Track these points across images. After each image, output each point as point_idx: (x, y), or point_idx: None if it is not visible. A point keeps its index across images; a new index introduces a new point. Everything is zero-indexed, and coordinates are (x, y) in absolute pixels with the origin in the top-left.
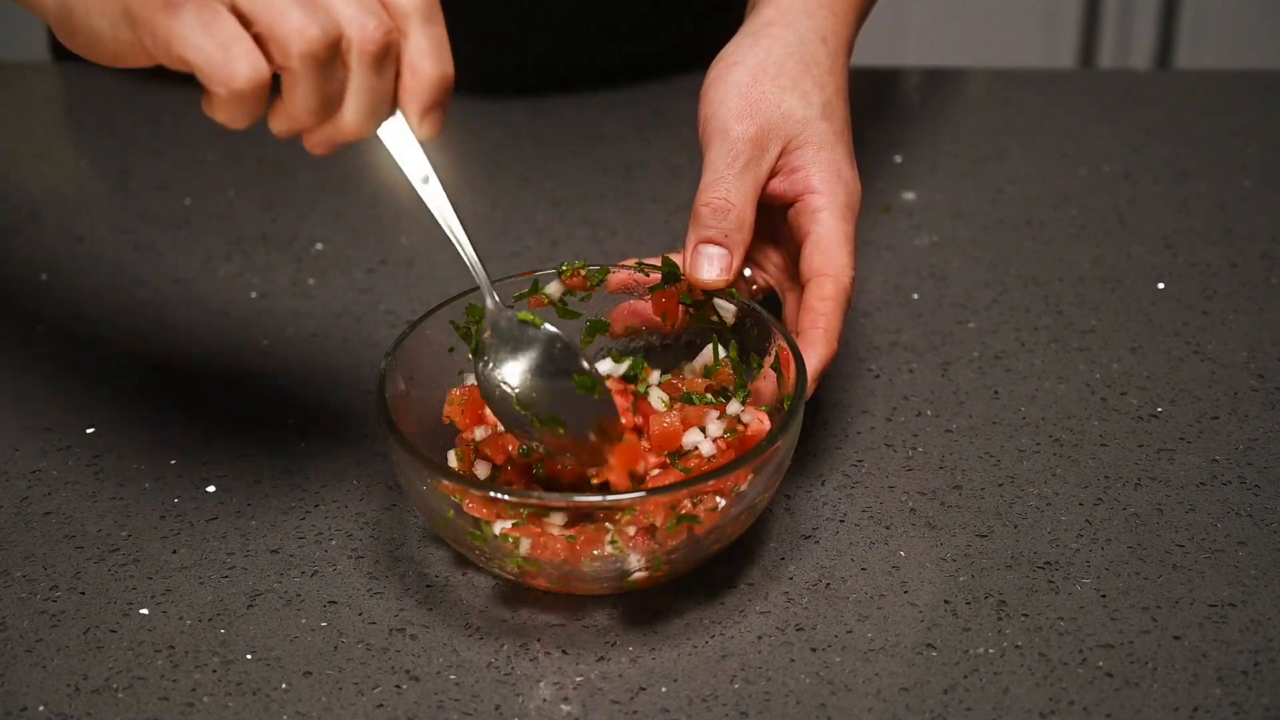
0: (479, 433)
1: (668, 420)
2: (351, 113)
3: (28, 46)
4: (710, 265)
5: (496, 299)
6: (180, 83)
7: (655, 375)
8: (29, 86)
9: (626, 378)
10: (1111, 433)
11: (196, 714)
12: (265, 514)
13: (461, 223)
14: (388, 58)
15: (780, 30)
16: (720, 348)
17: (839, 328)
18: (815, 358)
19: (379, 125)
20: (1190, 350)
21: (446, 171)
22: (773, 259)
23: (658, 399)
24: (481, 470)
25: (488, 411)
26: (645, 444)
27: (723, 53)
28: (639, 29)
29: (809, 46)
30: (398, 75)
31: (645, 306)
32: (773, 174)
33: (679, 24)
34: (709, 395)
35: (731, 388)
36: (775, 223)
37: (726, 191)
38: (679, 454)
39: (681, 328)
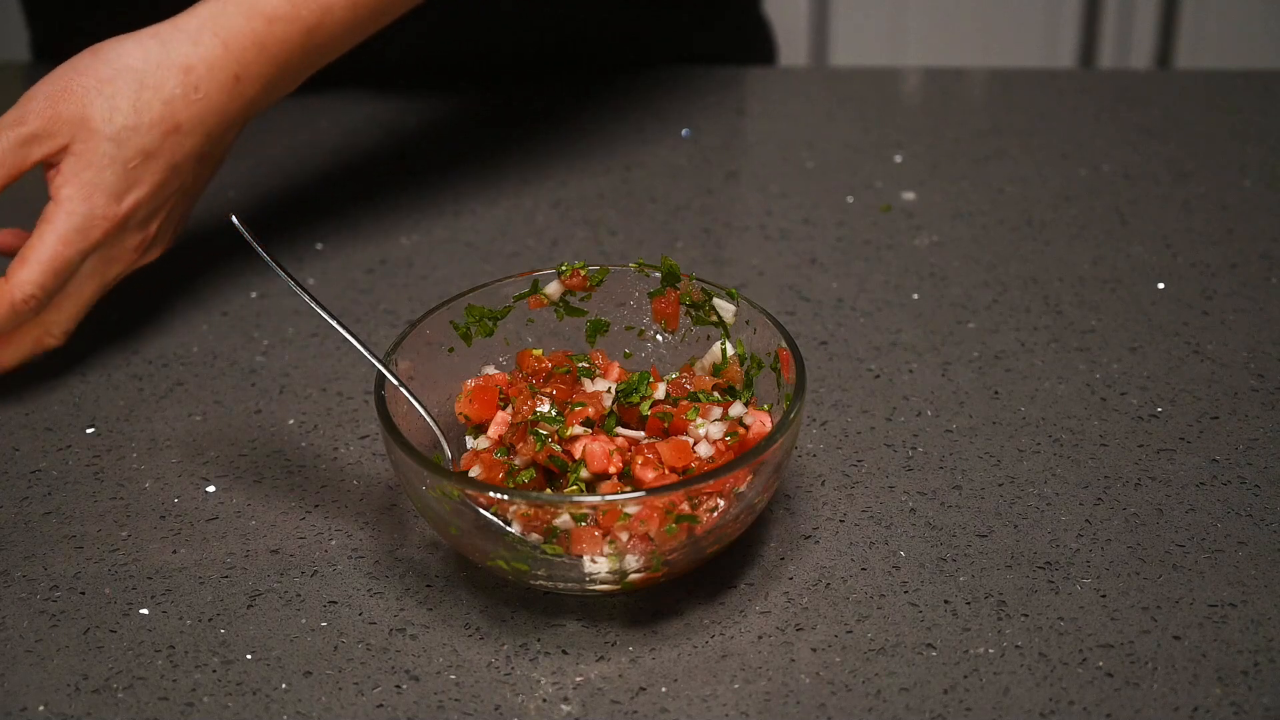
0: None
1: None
2: None
3: (9, 46)
4: None
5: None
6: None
7: (661, 389)
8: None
9: (623, 393)
10: (1111, 433)
11: (196, 714)
12: (265, 514)
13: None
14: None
15: (159, 39)
16: (728, 345)
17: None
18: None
19: None
20: (1190, 350)
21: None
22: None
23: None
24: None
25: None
26: (652, 457)
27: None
28: (639, 28)
29: (165, 71)
30: None
31: None
32: (48, 164)
33: (679, 23)
34: (715, 394)
35: (739, 386)
36: None
37: None
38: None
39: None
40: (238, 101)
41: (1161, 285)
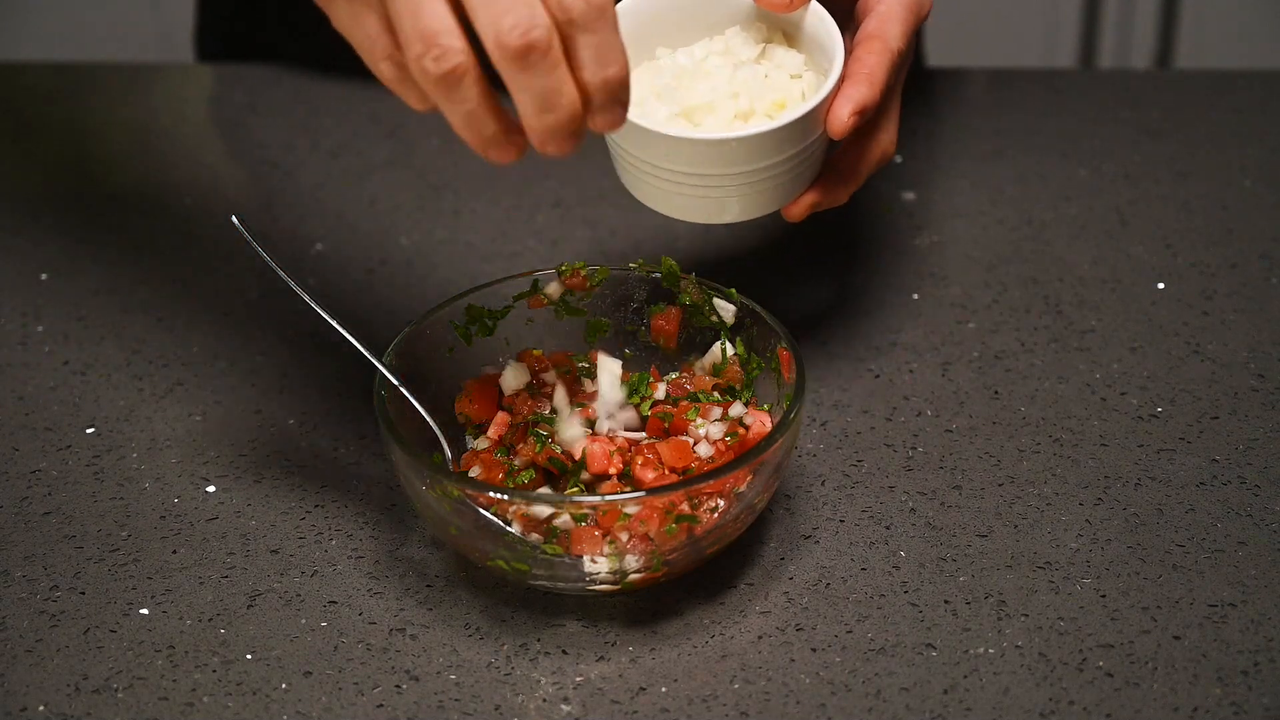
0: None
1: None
2: (522, 111)
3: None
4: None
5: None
6: (180, 83)
7: (661, 388)
8: (31, 86)
9: (625, 393)
10: (1111, 433)
11: (196, 714)
12: (265, 514)
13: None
14: (534, 58)
15: None
16: (728, 345)
17: (883, 78)
18: (853, 95)
19: (557, 123)
20: (1190, 350)
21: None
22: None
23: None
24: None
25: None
26: (652, 457)
27: None
28: None
29: None
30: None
31: None
32: None
33: None
34: (715, 394)
35: (739, 386)
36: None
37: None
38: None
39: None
40: None
41: (1161, 285)
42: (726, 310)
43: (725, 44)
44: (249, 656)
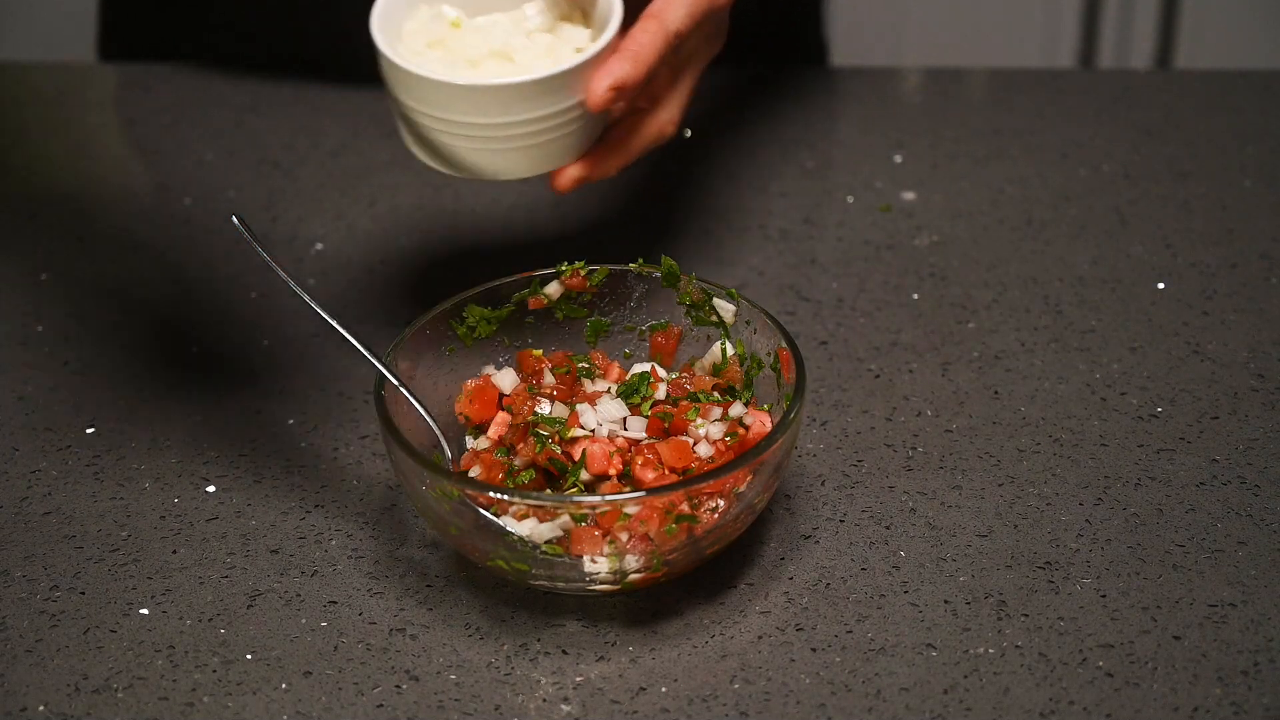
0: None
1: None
2: None
3: (16, 47)
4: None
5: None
6: (180, 84)
7: (662, 389)
8: (26, 87)
9: (623, 393)
10: (1111, 433)
11: (196, 714)
12: (265, 514)
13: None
14: None
15: None
16: (728, 345)
17: (651, 57)
18: (613, 69)
19: None
20: (1190, 350)
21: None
22: None
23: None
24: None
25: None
26: (652, 457)
27: None
28: None
29: None
30: None
31: None
32: None
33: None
34: (715, 394)
35: (739, 386)
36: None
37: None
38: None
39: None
40: None
41: (1161, 285)
42: (726, 310)
43: (522, 14)
44: (249, 656)
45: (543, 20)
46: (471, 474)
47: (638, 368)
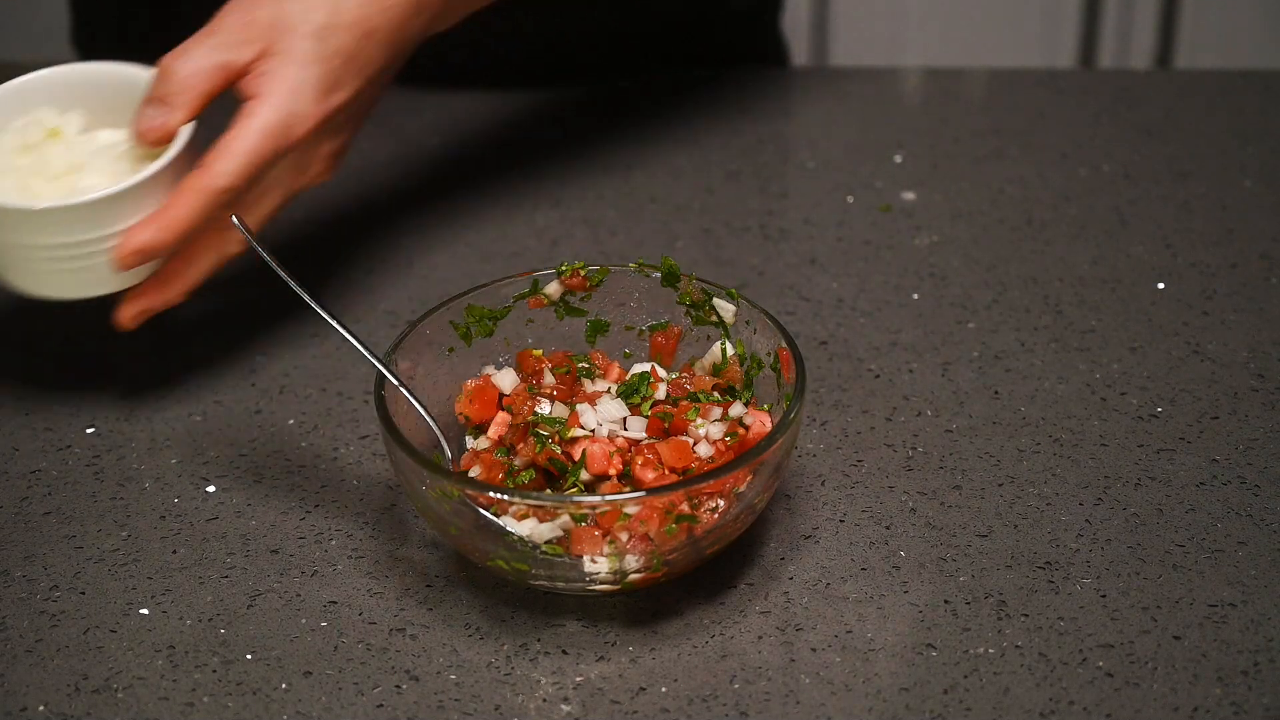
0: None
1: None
2: None
3: (39, 44)
4: (146, 120)
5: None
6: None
7: (662, 389)
8: None
9: (623, 393)
10: (1111, 433)
11: (196, 714)
12: (265, 514)
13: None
14: None
15: None
16: (728, 345)
17: (182, 225)
18: (139, 236)
19: None
20: (1190, 350)
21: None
22: None
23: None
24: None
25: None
26: (652, 457)
27: None
28: (640, 28)
29: None
30: None
31: None
32: (245, 72)
33: (679, 23)
34: (715, 394)
35: (739, 386)
36: None
37: (183, 59)
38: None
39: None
40: (418, 19)
41: (1161, 285)
42: (726, 310)
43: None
44: (249, 656)
45: (131, 146)
46: (471, 474)
47: (638, 368)
